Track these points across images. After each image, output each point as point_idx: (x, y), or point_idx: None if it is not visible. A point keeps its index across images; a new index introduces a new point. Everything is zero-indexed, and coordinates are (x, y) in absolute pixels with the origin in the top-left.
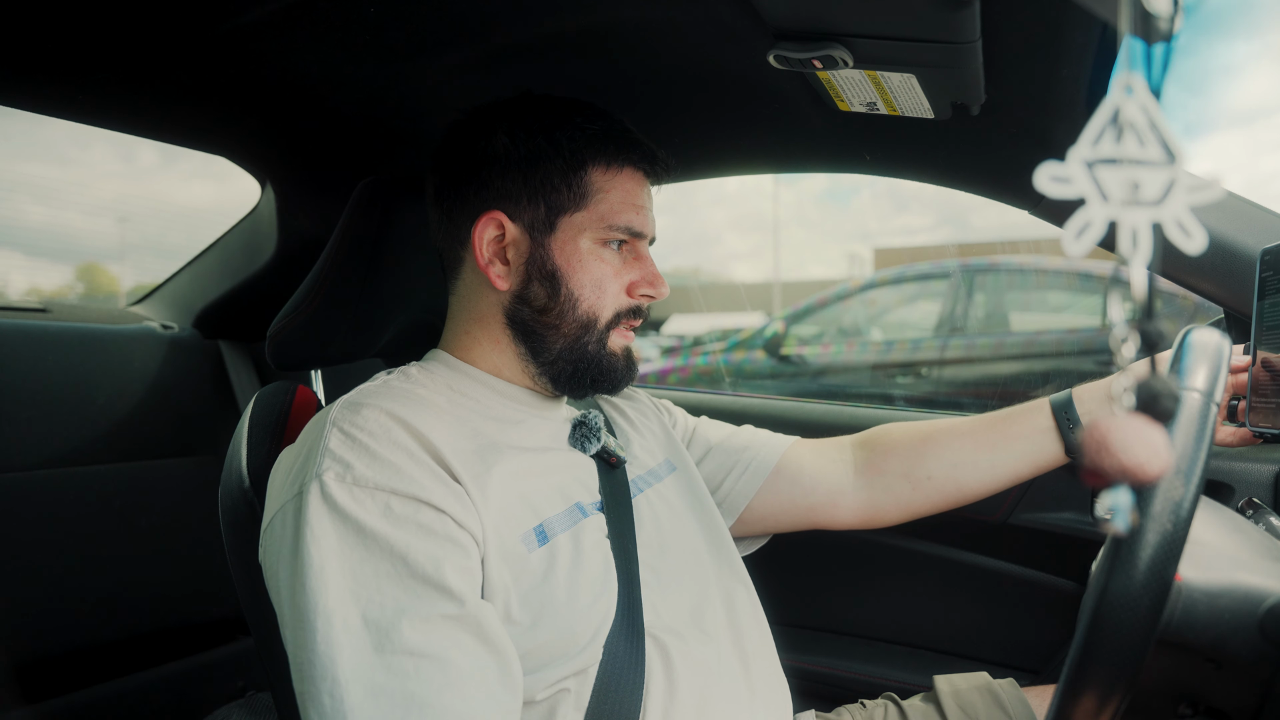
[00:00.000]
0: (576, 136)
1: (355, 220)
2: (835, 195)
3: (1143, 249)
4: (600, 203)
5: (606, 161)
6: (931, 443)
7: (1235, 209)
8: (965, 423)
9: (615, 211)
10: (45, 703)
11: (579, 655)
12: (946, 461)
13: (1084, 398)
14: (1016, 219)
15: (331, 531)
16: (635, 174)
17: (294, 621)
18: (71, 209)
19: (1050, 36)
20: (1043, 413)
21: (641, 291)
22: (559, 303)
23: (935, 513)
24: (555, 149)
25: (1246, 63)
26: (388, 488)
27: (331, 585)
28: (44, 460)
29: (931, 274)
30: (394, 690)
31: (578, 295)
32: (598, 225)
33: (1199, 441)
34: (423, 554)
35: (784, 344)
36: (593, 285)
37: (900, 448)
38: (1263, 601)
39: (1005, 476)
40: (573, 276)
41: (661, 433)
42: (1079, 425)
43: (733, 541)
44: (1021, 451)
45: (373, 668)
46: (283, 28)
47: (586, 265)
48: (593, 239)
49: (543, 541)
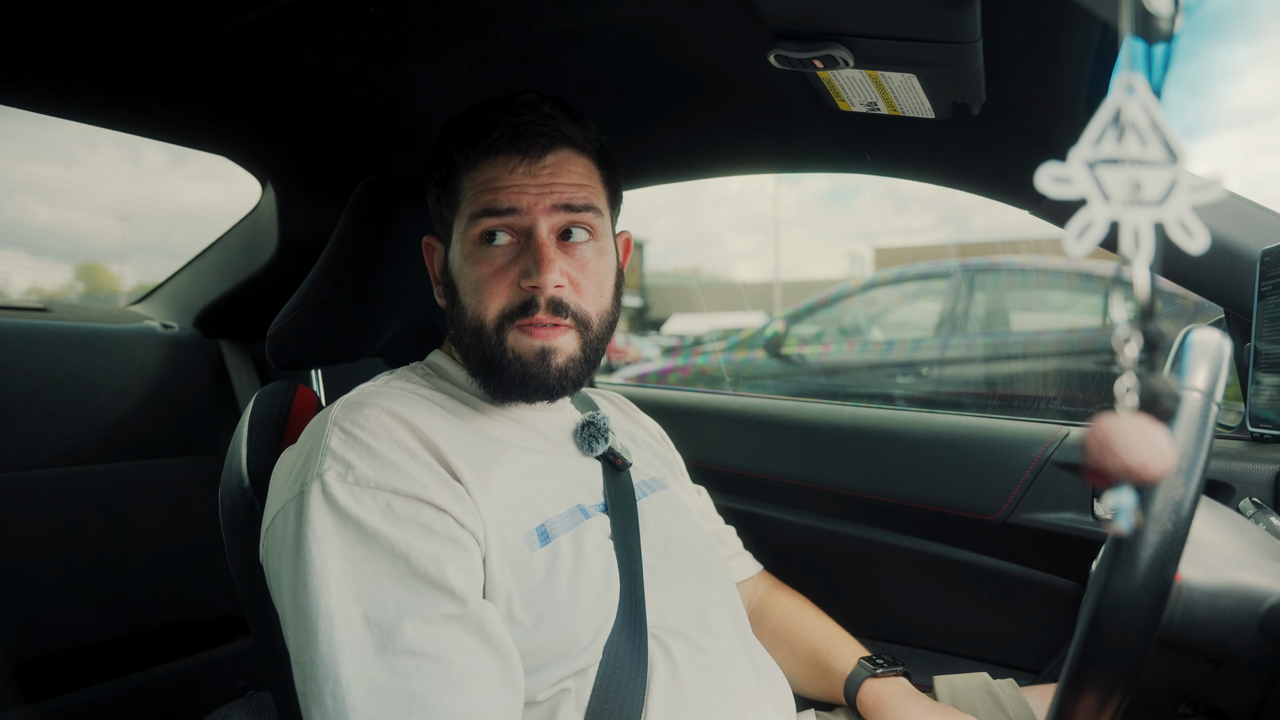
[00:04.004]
0: (451, 143)
1: (355, 220)
2: (836, 195)
3: (1144, 249)
4: (465, 201)
5: (465, 157)
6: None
7: (1236, 209)
8: (802, 640)
9: (474, 200)
10: (45, 703)
11: (580, 655)
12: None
13: (870, 691)
14: (1016, 219)
15: (333, 531)
16: (496, 158)
17: (296, 621)
18: (77, 209)
19: (1050, 36)
20: (839, 681)
21: (526, 282)
22: (456, 312)
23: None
24: (441, 162)
25: (1245, 66)
26: (389, 487)
27: (333, 585)
28: (44, 460)
29: (932, 274)
30: (396, 690)
31: (464, 302)
32: (464, 223)
33: (1199, 441)
34: (424, 554)
35: (784, 344)
36: (471, 289)
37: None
38: (1263, 601)
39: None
40: (460, 283)
41: (660, 462)
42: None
43: (724, 559)
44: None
45: (375, 668)
46: (283, 28)
47: (465, 270)
48: (470, 241)
49: (545, 541)
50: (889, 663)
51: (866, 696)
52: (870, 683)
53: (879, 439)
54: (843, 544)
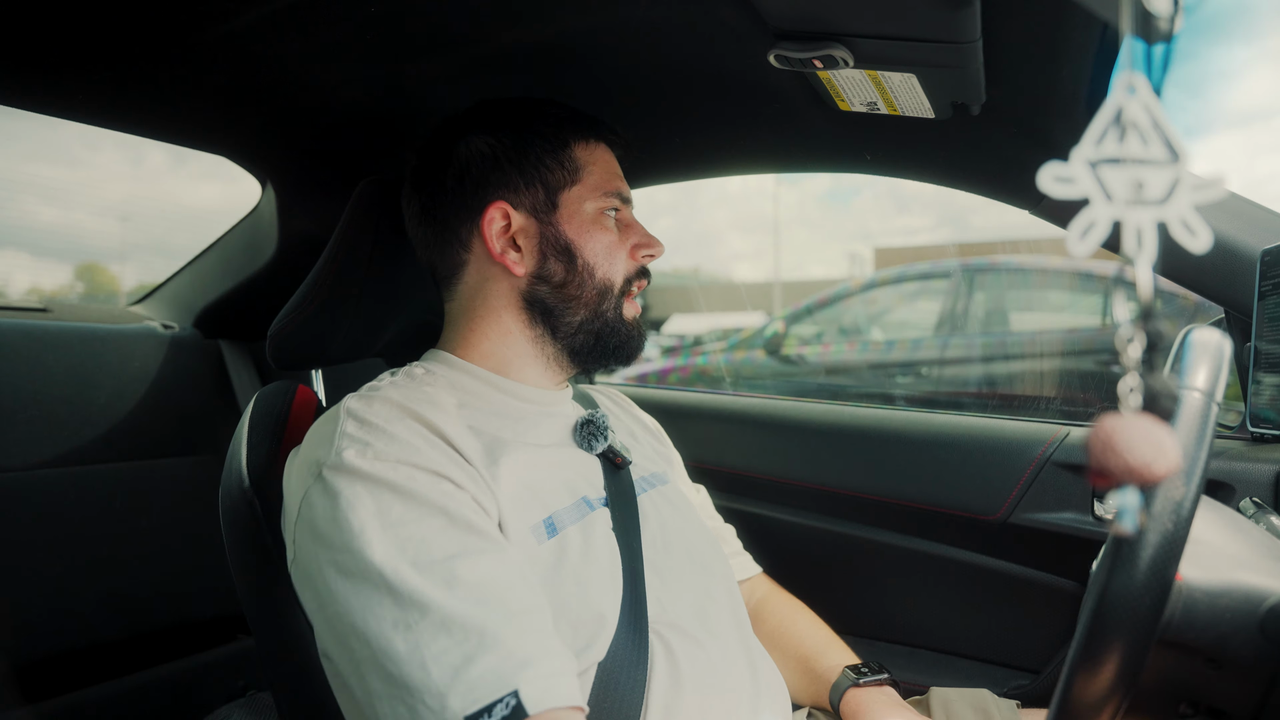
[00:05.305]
0: (552, 121)
1: (355, 220)
2: (836, 195)
3: (1146, 249)
4: (590, 174)
5: (585, 137)
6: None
7: (1236, 209)
8: (796, 646)
9: (605, 180)
10: (45, 703)
11: (583, 650)
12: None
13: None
14: (1016, 219)
15: (365, 494)
16: (609, 148)
17: (348, 592)
18: (78, 209)
19: (1050, 36)
20: (825, 688)
21: (644, 253)
22: (577, 273)
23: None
24: (538, 134)
25: (1244, 67)
26: (409, 461)
27: (377, 543)
28: (44, 460)
29: (932, 274)
30: (465, 617)
31: (593, 264)
32: (594, 194)
33: (1200, 441)
34: (459, 504)
35: (784, 344)
36: (604, 252)
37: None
38: (1263, 601)
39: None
40: (585, 247)
41: (660, 458)
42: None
43: (725, 556)
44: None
45: (439, 603)
46: (283, 28)
47: (594, 234)
48: (594, 209)
49: (552, 534)
50: (873, 670)
51: (848, 705)
52: (853, 691)
53: (879, 439)
54: (843, 544)
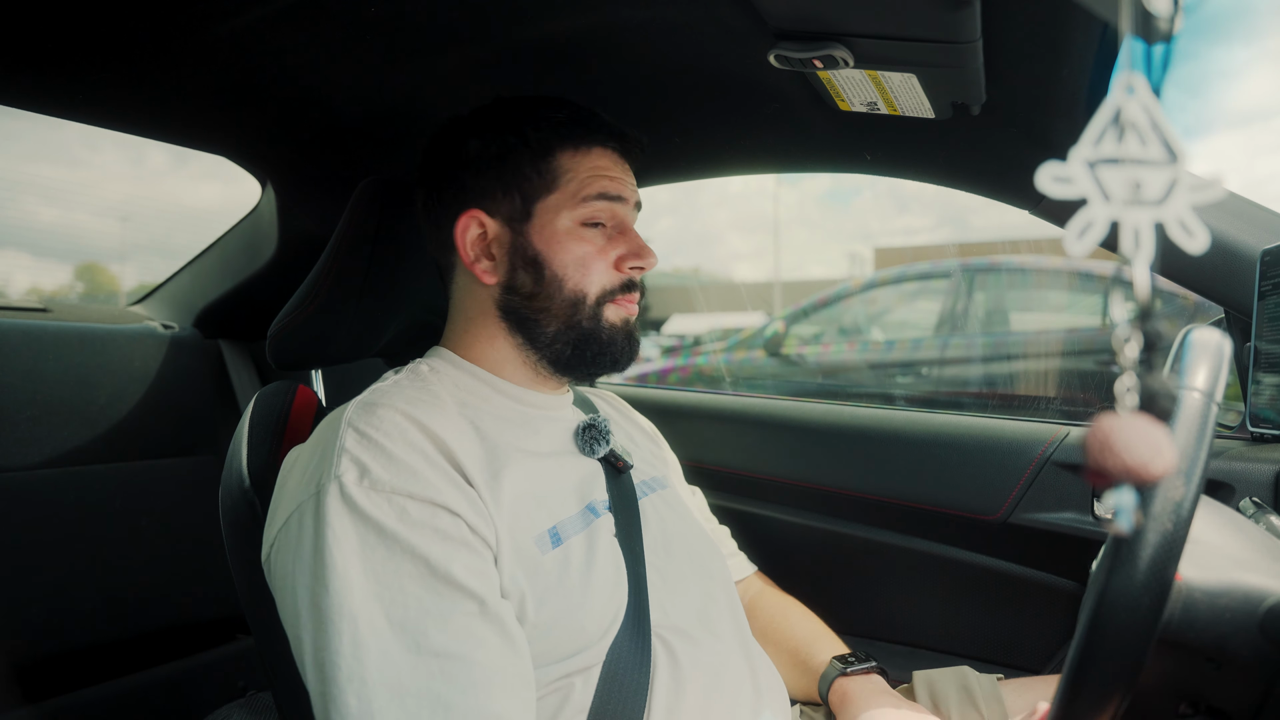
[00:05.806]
0: (542, 126)
1: (355, 220)
2: (836, 195)
3: (1145, 249)
4: (570, 181)
5: (574, 144)
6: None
7: (1236, 209)
8: (787, 639)
9: (586, 184)
10: (45, 703)
11: (585, 653)
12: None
13: (839, 690)
14: (1016, 219)
15: (352, 532)
16: (605, 151)
17: (314, 623)
18: (79, 209)
19: (1050, 36)
20: (814, 679)
21: (630, 265)
22: (545, 285)
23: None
24: (523, 141)
25: (1244, 67)
26: (404, 491)
27: (355, 587)
28: (44, 460)
29: (932, 274)
30: (421, 691)
31: (562, 276)
32: (572, 202)
33: (1199, 441)
34: (442, 556)
35: (784, 344)
36: (575, 264)
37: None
38: (1263, 601)
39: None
40: (555, 258)
41: (659, 461)
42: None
43: (724, 557)
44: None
45: (400, 669)
46: (283, 28)
47: (566, 246)
48: (572, 219)
49: (556, 543)
50: (860, 659)
51: (835, 694)
52: (840, 680)
53: (879, 439)
54: (842, 544)
